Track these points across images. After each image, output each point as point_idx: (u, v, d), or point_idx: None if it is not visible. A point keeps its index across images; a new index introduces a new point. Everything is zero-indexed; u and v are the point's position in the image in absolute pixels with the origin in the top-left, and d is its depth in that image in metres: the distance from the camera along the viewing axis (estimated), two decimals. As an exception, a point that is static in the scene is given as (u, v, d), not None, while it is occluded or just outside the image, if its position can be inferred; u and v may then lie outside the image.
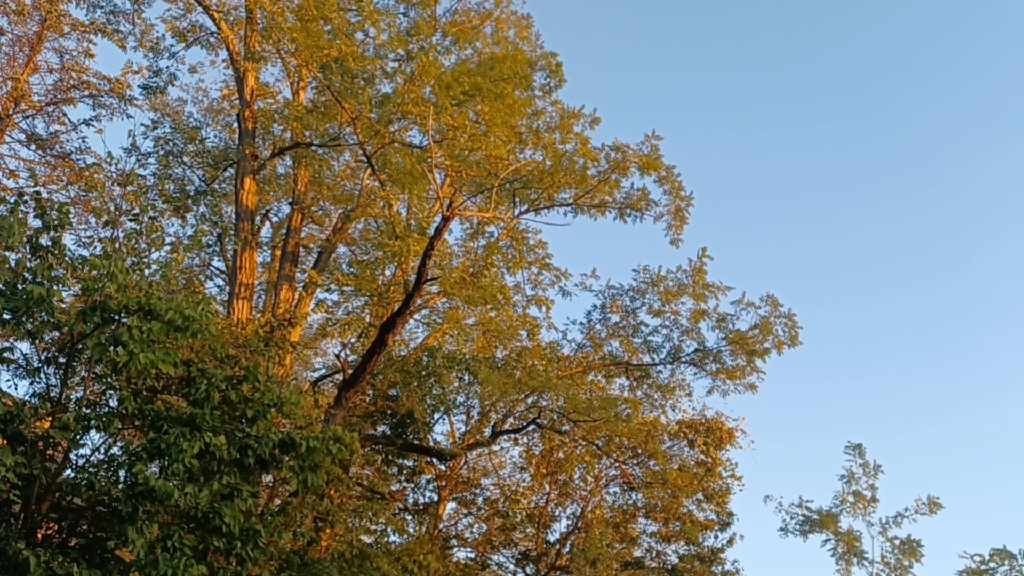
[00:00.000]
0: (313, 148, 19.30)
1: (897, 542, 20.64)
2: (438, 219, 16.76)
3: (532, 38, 21.21)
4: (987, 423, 44.45)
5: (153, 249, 12.10)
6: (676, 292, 20.87)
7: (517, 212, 19.15)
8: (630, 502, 22.86)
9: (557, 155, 18.53)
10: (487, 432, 21.47)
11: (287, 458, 11.30)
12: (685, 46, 51.86)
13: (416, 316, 20.76)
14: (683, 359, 21.42)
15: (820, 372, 47.15)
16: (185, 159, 21.23)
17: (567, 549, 22.30)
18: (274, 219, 22.51)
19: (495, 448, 23.49)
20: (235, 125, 20.18)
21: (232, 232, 18.77)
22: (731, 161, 49.43)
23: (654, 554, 22.19)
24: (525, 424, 20.47)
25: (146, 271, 11.47)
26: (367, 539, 17.47)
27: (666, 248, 19.68)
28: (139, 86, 19.64)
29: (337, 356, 19.76)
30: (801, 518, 21.83)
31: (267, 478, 13.17)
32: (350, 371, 17.62)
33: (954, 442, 45.12)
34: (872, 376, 47.23)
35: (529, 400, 19.80)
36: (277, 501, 13.30)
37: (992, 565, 19.67)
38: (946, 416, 45.81)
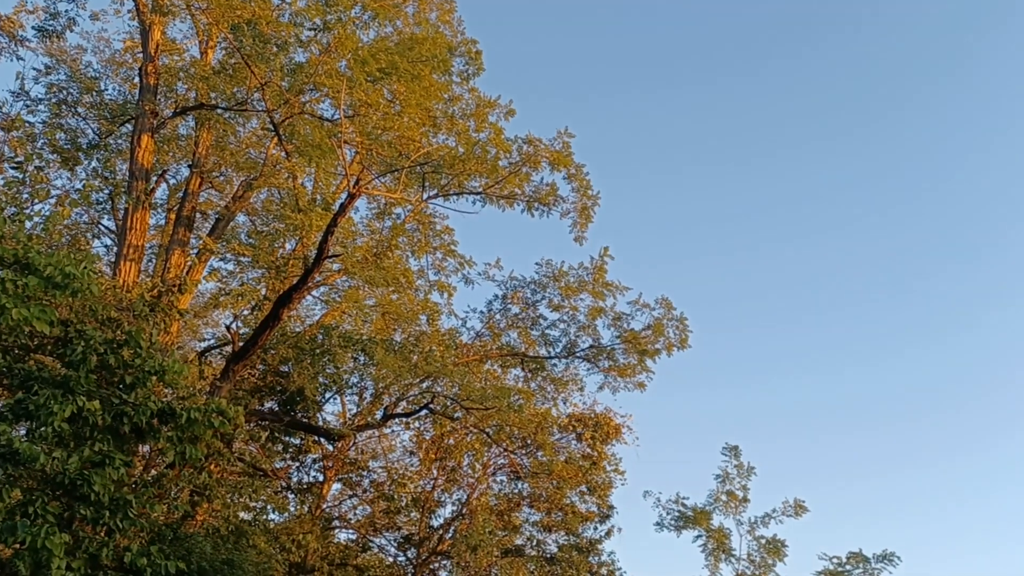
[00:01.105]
0: (218, 111, 18.65)
1: (763, 541, 21.64)
2: (344, 196, 16.50)
3: (454, 23, 21.10)
4: (855, 435, 47.16)
5: (37, 200, 11.48)
6: (576, 288, 21.25)
7: (426, 196, 19.05)
8: (516, 491, 23.16)
9: (470, 143, 18.50)
10: (379, 415, 21.34)
11: (165, 428, 10.94)
12: (604, 43, 52.70)
13: (314, 293, 20.40)
14: (578, 354, 21.85)
15: (706, 371, 48.89)
16: (80, 110, 20.11)
17: (450, 534, 22.41)
18: (171, 181, 21.65)
19: (386, 431, 23.38)
20: (136, 79, 19.26)
21: (124, 190, 17.95)
22: (642, 159, 50.71)
23: (534, 543, 22.56)
24: (418, 408, 20.43)
25: (27, 223, 10.86)
26: (245, 516, 17.09)
27: (570, 244, 20.02)
28: (33, 27, 18.51)
29: (228, 327, 19.21)
30: (677, 514, 22.60)
31: (143, 448, 12.71)
32: (240, 344, 17.18)
33: (824, 448, 47.60)
34: (755, 379, 49.27)
35: (424, 385, 19.76)
36: (152, 472, 12.85)
37: (848, 567, 20.87)
38: (819, 424, 48.28)
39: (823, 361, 49.59)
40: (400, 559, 23.47)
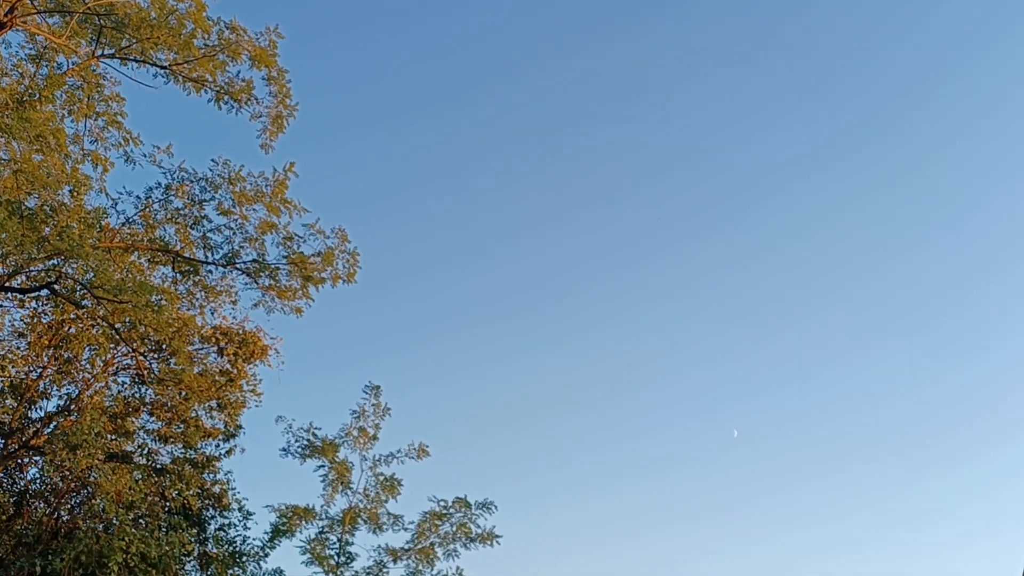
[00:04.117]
0: None
1: (381, 478, 22.53)
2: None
3: None
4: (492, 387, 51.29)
5: None
6: (252, 197, 20.11)
7: (99, 53, 16.80)
8: (137, 396, 21.52)
9: (165, 9, 16.66)
10: (-13, 285, 18.48)
11: None
12: None
13: (-70, 127, 17.02)
14: (238, 265, 20.78)
15: (367, 312, 49.67)
16: None
17: (49, 430, 20.21)
18: None
19: (-7, 305, 20.37)
20: None
21: None
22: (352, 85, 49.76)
23: (145, 451, 21.17)
24: (39, 287, 18.07)
25: None
26: None
27: (256, 151, 18.97)
28: None
29: None
30: (305, 443, 22.66)
31: None
32: None
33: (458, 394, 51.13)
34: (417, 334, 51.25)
35: (51, 262, 17.47)
36: None
37: (451, 511, 22.53)
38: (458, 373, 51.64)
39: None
40: (-19, 449, 20.68)
